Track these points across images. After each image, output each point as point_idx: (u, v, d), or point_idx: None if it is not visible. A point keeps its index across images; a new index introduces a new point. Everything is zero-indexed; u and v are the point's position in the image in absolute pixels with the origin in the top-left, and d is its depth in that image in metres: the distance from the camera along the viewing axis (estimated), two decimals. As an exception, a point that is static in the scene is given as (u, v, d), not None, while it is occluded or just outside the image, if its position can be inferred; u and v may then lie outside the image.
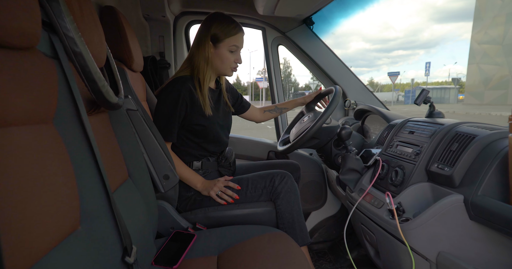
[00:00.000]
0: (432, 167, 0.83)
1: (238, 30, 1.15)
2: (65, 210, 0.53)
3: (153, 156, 1.08)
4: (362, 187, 1.05)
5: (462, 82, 27.19)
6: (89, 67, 0.61)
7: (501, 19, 17.46)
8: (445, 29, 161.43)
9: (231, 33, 1.14)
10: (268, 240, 0.98)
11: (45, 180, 0.50)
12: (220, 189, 1.15)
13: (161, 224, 1.12)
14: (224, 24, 1.14)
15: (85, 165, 0.62)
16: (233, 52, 1.17)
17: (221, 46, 1.15)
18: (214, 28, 1.14)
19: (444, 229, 0.74)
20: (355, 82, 1.76)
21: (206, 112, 1.17)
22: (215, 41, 1.15)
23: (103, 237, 0.62)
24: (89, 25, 0.71)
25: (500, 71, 17.50)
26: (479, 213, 0.69)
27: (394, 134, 1.06)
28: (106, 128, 0.81)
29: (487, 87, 18.42)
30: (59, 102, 0.58)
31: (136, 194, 0.88)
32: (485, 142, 0.74)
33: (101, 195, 0.65)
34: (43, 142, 0.52)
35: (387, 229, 0.86)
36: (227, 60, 1.17)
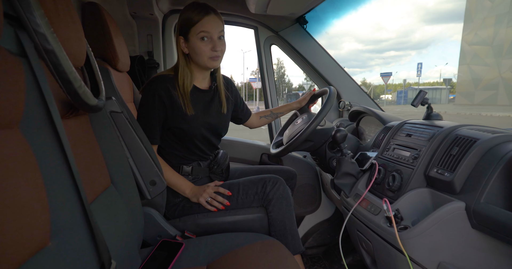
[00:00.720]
0: (431, 172, 0.79)
1: (202, 15, 1.02)
2: (33, 225, 0.48)
3: (139, 161, 1.02)
4: (358, 192, 1.01)
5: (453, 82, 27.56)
6: (63, 67, 0.55)
7: (491, 20, 17.74)
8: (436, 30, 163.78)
9: (194, 20, 1.03)
10: (261, 248, 0.94)
11: (8, 192, 0.44)
12: (210, 195, 1.10)
13: (148, 232, 1.07)
14: (188, 11, 1.04)
15: (57, 174, 0.56)
16: (205, 39, 1.04)
17: (190, 38, 1.05)
18: (181, 19, 1.06)
19: (445, 238, 0.70)
20: (350, 83, 1.73)
21: (188, 112, 1.10)
22: (183, 33, 1.06)
23: (77, 254, 0.57)
24: (65, 21, 0.65)
25: (490, 72, 17.77)
26: (482, 221, 0.65)
27: (391, 136, 1.03)
28: (86, 132, 0.76)
29: (477, 88, 18.70)
30: (27, 104, 0.52)
31: (119, 201, 0.82)
32: (488, 146, 0.71)
33: (75, 206, 0.59)
34: (6, 149, 0.46)
35: (384, 237, 0.82)
36: (200, 50, 1.05)
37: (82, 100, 0.62)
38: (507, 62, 16.66)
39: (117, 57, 1.09)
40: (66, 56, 0.56)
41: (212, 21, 1.04)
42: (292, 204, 1.13)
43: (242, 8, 1.52)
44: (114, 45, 1.06)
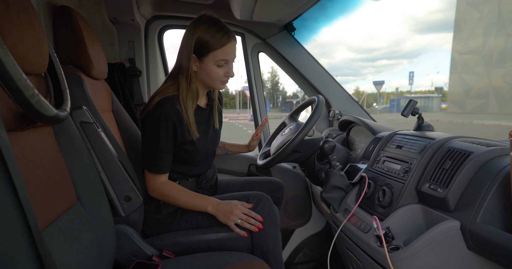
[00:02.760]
0: (423, 187, 0.74)
1: (227, 40, 0.96)
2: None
3: (112, 175, 0.95)
4: (347, 207, 0.95)
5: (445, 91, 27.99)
6: (9, 73, 0.49)
7: (480, 30, 18.15)
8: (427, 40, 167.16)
9: (218, 44, 0.95)
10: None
11: None
12: (240, 217, 0.97)
13: (122, 253, 0.99)
14: (209, 32, 0.95)
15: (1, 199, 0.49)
16: (222, 66, 1.00)
17: (206, 61, 0.98)
18: (198, 37, 0.95)
19: (439, 261, 0.64)
20: (339, 91, 1.69)
21: (194, 136, 1.02)
22: (199, 54, 0.97)
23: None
24: (19, 23, 0.59)
25: (480, 81, 18.09)
26: (479, 242, 0.59)
27: (381, 148, 0.97)
28: (47, 145, 0.69)
29: (468, 96, 18.98)
30: None
31: (84, 221, 0.75)
32: (482, 160, 0.66)
33: (22, 235, 0.52)
34: None
35: (375, 257, 0.76)
36: (215, 74, 1.00)
37: (36, 111, 0.55)
38: (497, 71, 16.99)
39: (91, 63, 1.03)
40: (13, 61, 0.50)
41: (233, 48, 0.99)
42: (278, 223, 1.06)
43: (228, 14, 1.47)
44: (87, 51, 1.00)
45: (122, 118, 1.25)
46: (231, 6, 1.37)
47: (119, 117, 1.24)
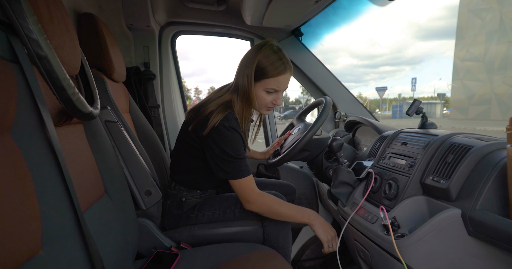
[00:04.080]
0: (427, 179, 0.79)
1: (283, 70, 0.97)
2: (23, 233, 0.47)
3: (134, 171, 1.01)
4: (354, 201, 1.00)
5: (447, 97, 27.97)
6: (56, 73, 0.55)
7: (482, 37, 18.25)
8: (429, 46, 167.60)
9: (274, 73, 0.97)
10: (257, 259, 0.92)
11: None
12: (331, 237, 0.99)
13: (142, 244, 1.04)
14: (270, 59, 0.96)
15: (49, 182, 0.55)
16: (271, 93, 1.02)
17: (257, 85, 1.00)
18: (259, 61, 0.97)
19: (442, 246, 0.69)
20: (345, 94, 1.75)
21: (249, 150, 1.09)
22: (254, 78, 0.99)
23: (70, 262, 0.55)
24: (59, 28, 0.66)
25: (483, 88, 18.12)
26: (478, 228, 0.65)
27: (387, 145, 1.03)
28: (79, 141, 0.75)
29: (471, 103, 18.98)
30: (19, 110, 0.52)
31: (113, 211, 0.81)
32: (482, 154, 0.71)
33: (68, 214, 0.58)
34: None
35: (382, 245, 0.81)
36: (262, 100, 1.02)
37: (75, 107, 0.62)
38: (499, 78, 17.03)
39: (113, 67, 1.10)
40: (59, 62, 0.56)
41: (286, 79, 1.01)
42: (290, 223, 1.11)
43: (238, 20, 1.55)
44: (110, 55, 1.07)
45: (138, 119, 1.32)
46: (242, 12, 1.44)
47: (136, 118, 1.31)
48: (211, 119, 0.96)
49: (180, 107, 1.82)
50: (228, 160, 0.97)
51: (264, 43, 1.00)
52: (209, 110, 0.98)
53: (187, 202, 1.13)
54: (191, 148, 1.06)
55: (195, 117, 1.02)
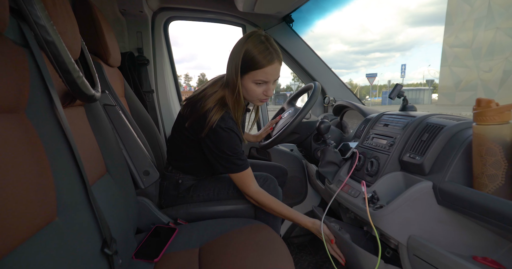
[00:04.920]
0: (404, 156, 0.87)
1: (270, 61, 0.94)
2: (40, 201, 0.52)
3: (133, 152, 1.06)
4: (340, 179, 1.08)
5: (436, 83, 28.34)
6: (62, 57, 0.60)
7: (470, 24, 18.37)
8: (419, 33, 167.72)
9: (259, 65, 0.94)
10: (249, 231, 1.00)
11: (18, 169, 0.49)
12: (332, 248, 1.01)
13: (141, 220, 1.11)
14: (254, 51, 0.94)
15: (60, 157, 0.61)
16: (260, 84, 1.00)
17: (246, 78, 0.99)
18: (245, 51, 0.95)
19: (414, 214, 0.78)
20: (334, 80, 1.81)
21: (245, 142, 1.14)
22: (242, 70, 0.98)
23: (82, 229, 0.61)
24: (62, 15, 0.69)
25: (470, 74, 18.40)
26: (446, 197, 0.73)
27: (370, 127, 1.10)
28: (82, 122, 0.80)
29: (458, 89, 19.31)
30: (32, 92, 0.56)
31: (114, 189, 0.86)
32: (453, 132, 0.79)
33: (78, 187, 0.64)
34: (15, 131, 0.50)
35: (362, 216, 0.89)
36: (253, 92, 1.01)
37: (80, 90, 0.66)
38: (485, 64, 17.31)
39: (108, 52, 1.13)
40: (65, 47, 0.60)
41: (273, 69, 0.97)
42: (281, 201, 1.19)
43: (230, 6, 1.57)
44: (105, 40, 1.10)
45: (133, 103, 1.36)
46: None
47: (131, 102, 1.35)
48: (208, 119, 0.98)
49: (174, 92, 1.86)
50: (226, 157, 1.01)
51: (250, 33, 0.98)
52: (206, 107, 0.99)
53: (183, 183, 1.19)
54: (188, 140, 1.10)
55: (191, 112, 1.04)
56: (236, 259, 0.84)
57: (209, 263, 0.86)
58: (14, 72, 0.52)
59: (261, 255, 0.85)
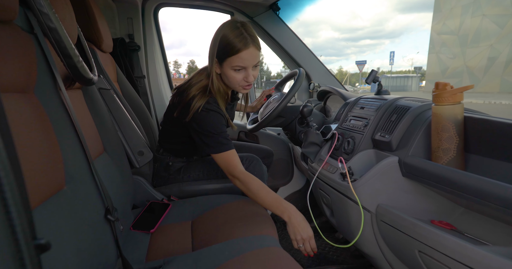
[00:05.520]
0: (376, 135, 0.97)
1: (243, 46, 0.95)
2: (51, 171, 0.60)
3: (127, 134, 1.13)
4: (321, 158, 1.18)
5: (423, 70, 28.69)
6: (64, 43, 0.66)
7: (458, 10, 18.53)
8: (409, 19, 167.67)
9: (234, 50, 0.95)
10: (237, 205, 1.09)
11: (31, 142, 0.56)
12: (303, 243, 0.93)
13: (137, 197, 1.19)
14: (229, 37, 0.95)
15: (66, 133, 0.68)
16: (239, 70, 1.01)
17: (224, 65, 1.00)
18: (221, 39, 0.96)
19: (383, 185, 0.88)
20: (319, 66, 1.89)
21: (233, 129, 1.19)
22: (219, 57, 0.99)
23: (87, 197, 0.69)
24: (60, 2, 0.75)
25: (456, 61, 18.72)
26: (409, 170, 0.83)
27: (349, 110, 1.19)
28: (80, 104, 0.86)
29: (444, 76, 19.65)
30: (39, 74, 0.63)
31: (112, 167, 0.94)
32: (417, 113, 0.89)
33: (82, 161, 0.71)
34: (26, 109, 0.57)
35: (339, 189, 1.00)
36: (233, 79, 1.02)
37: (80, 74, 0.73)
38: (471, 51, 17.62)
39: (101, 38, 1.17)
40: (66, 33, 0.66)
41: (249, 54, 0.97)
42: (265, 180, 1.29)
43: None
44: (98, 26, 1.14)
45: (126, 88, 1.41)
46: None
47: (123, 87, 1.40)
48: (192, 105, 1.01)
49: (165, 78, 1.91)
50: (209, 136, 1.03)
51: (226, 22, 0.99)
52: (190, 95, 1.03)
53: (173, 166, 1.27)
54: (178, 128, 1.16)
55: (179, 101, 1.08)
56: (225, 228, 0.94)
57: (200, 233, 0.96)
58: (23, 56, 0.59)
59: (248, 225, 0.95)
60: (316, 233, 1.62)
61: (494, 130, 0.72)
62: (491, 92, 16.44)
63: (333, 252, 1.47)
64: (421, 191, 0.86)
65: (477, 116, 0.75)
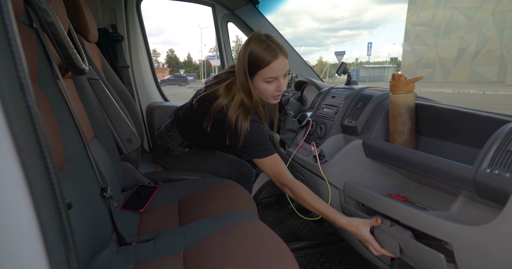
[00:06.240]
0: (344, 121, 1.09)
1: (273, 57, 0.98)
2: (54, 152, 0.67)
3: (116, 122, 1.19)
4: (296, 143, 1.29)
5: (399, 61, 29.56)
6: (60, 36, 0.72)
7: (431, 2, 19.12)
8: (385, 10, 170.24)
9: (264, 63, 0.98)
10: (221, 187, 1.19)
11: None
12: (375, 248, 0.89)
13: (125, 182, 1.26)
14: (257, 51, 0.98)
15: (64, 119, 0.75)
16: (271, 82, 1.03)
17: (255, 79, 1.03)
18: (248, 57, 1.00)
19: (349, 165, 1.01)
20: (296, 58, 1.99)
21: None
22: (250, 72, 1.02)
23: (84, 177, 0.77)
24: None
25: (429, 52, 19.44)
26: (371, 151, 0.96)
27: (322, 99, 1.31)
28: (72, 93, 0.92)
29: (418, 66, 20.37)
30: (39, 64, 0.69)
31: (102, 152, 1.01)
32: (378, 101, 1.01)
33: (79, 143, 0.78)
34: None
35: (312, 170, 1.12)
36: (266, 91, 1.05)
37: (74, 64, 0.79)
38: (443, 42, 18.34)
39: (88, 28, 1.21)
40: (62, 27, 0.73)
41: (279, 64, 1.00)
42: (253, 181, 1.44)
43: None
44: (85, 17, 1.18)
45: (111, 77, 1.46)
46: None
47: (109, 76, 1.45)
48: (239, 128, 1.04)
49: (148, 67, 1.94)
50: (257, 145, 1.07)
51: (251, 36, 1.02)
52: (233, 119, 1.05)
53: (173, 152, 1.37)
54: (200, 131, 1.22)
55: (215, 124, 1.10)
56: (209, 207, 1.04)
57: (187, 212, 1.05)
58: (27, 49, 0.65)
59: (231, 203, 1.05)
60: (293, 213, 1.77)
61: (439, 115, 0.85)
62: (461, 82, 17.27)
63: (306, 231, 1.61)
64: (381, 169, 0.99)
65: (426, 103, 0.88)
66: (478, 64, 16.68)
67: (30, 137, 0.32)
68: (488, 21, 15.98)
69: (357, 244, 1.17)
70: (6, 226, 0.31)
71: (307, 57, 20.02)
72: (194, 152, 1.41)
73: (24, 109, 0.32)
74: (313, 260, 1.34)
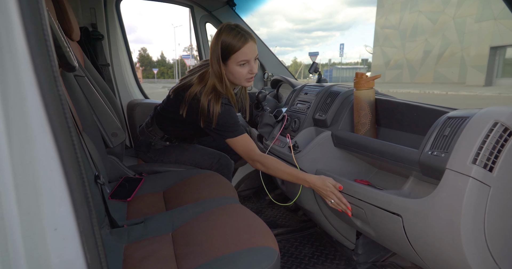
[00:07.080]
0: (316, 115, 1.21)
1: (244, 41, 1.08)
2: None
3: (102, 116, 1.24)
4: (273, 136, 1.40)
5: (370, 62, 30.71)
6: (55, 35, 0.78)
7: (398, 6, 20.09)
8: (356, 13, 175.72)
9: (236, 48, 1.09)
10: (204, 178, 1.28)
11: None
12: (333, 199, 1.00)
13: (111, 175, 1.32)
14: (228, 39, 1.08)
15: None
16: (243, 65, 1.14)
17: (229, 63, 1.13)
18: (222, 42, 1.09)
19: (320, 154, 1.13)
20: (272, 58, 2.11)
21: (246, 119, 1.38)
22: (223, 58, 1.12)
23: (81, 165, 0.83)
24: None
25: (397, 54, 20.40)
26: (339, 141, 1.09)
27: (296, 96, 1.43)
28: None
29: (387, 67, 21.31)
30: None
31: (92, 144, 1.07)
32: (344, 96, 1.15)
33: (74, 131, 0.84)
34: None
35: (287, 160, 1.23)
36: (239, 74, 1.15)
37: (67, 61, 0.85)
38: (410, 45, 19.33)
39: (72, 27, 1.25)
40: (56, 26, 0.78)
41: (250, 48, 1.10)
42: (231, 172, 1.53)
43: None
44: (69, 16, 1.22)
45: (93, 75, 1.50)
46: None
47: (91, 74, 1.49)
48: (211, 111, 1.14)
49: (128, 65, 1.98)
50: (228, 126, 1.17)
51: (221, 27, 1.12)
52: (206, 103, 1.14)
53: (154, 146, 1.43)
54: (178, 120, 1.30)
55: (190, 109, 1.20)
56: (193, 194, 1.12)
57: (172, 199, 1.13)
58: None
59: (212, 190, 1.14)
60: (270, 204, 1.89)
61: (394, 108, 0.99)
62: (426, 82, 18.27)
63: (282, 219, 1.73)
64: (348, 157, 1.12)
65: (383, 98, 1.02)
66: (442, 65, 17.73)
67: (61, 120, 0.41)
68: (450, 25, 17.00)
69: (328, 228, 1.30)
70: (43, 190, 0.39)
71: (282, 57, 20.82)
72: (175, 145, 1.48)
73: (57, 97, 0.41)
74: (288, 244, 1.47)
